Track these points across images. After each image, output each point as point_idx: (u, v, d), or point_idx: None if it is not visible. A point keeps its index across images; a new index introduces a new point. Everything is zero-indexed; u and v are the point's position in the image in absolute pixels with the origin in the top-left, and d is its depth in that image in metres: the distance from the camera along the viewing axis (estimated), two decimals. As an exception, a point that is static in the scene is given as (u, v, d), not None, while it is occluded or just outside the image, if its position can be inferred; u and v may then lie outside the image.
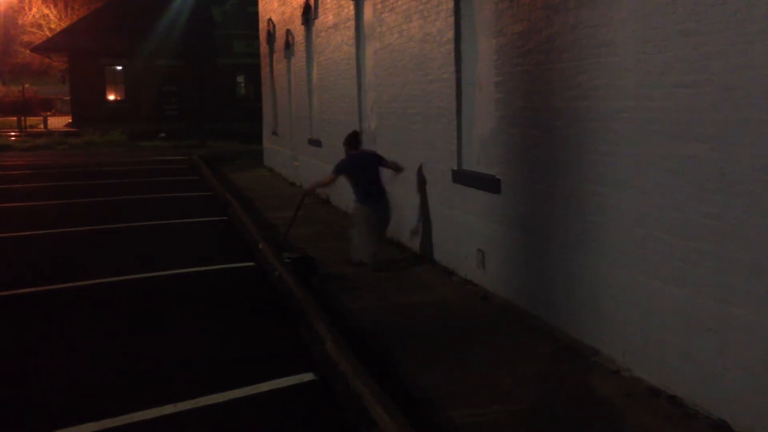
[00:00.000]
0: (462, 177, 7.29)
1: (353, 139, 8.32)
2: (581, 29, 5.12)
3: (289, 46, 15.77)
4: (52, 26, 44.50)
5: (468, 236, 7.17)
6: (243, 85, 38.77)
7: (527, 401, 4.46)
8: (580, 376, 4.82)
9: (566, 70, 5.32)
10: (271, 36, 17.85)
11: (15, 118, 35.68)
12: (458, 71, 7.30)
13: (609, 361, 4.94)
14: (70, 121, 35.48)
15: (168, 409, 4.39)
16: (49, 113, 41.12)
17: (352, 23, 10.88)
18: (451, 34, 7.33)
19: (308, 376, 4.90)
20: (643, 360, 4.66)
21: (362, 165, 8.05)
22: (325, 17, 12.41)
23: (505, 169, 6.35)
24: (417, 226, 8.50)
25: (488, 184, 6.63)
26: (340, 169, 8.05)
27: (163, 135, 30.75)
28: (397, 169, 8.27)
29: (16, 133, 33.04)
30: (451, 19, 7.29)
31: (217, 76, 35.76)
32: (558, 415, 4.29)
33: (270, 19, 17.67)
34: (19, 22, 46.29)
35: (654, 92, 4.43)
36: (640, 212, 4.61)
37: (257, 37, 20.46)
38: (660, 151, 4.41)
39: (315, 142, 13.67)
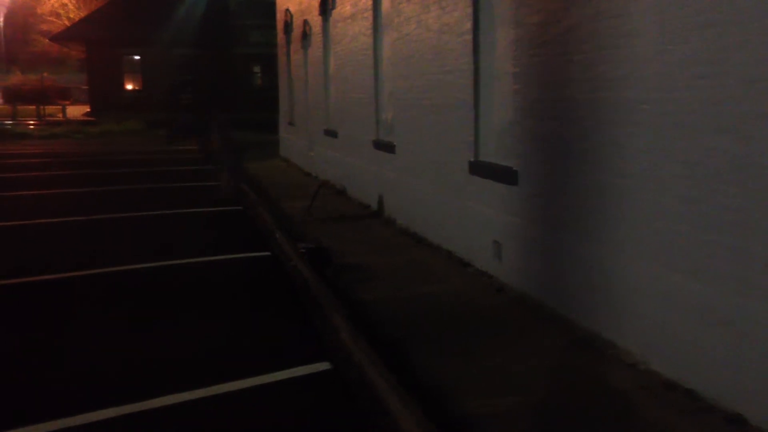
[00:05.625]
0: (479, 168, 7.26)
1: None
2: (600, 20, 5.07)
3: (306, 36, 15.76)
4: (71, 15, 44.83)
5: (484, 228, 7.15)
6: (259, 74, 38.90)
7: (542, 393, 4.46)
8: (596, 368, 4.80)
9: (585, 61, 5.28)
10: (288, 26, 17.86)
11: (33, 107, 36.01)
12: (476, 62, 7.27)
13: (625, 353, 4.92)
14: (88, 110, 35.78)
15: (185, 396, 4.42)
16: (67, 102, 41.44)
17: (369, 13, 10.86)
18: (469, 25, 7.29)
19: (323, 366, 4.92)
20: (660, 353, 4.64)
21: None
22: (343, 7, 12.39)
23: (523, 161, 6.32)
24: (433, 217, 8.49)
25: (505, 175, 6.60)
26: None
27: (180, 124, 30.90)
28: None
29: (35, 122, 33.35)
30: (470, 10, 7.26)
31: (233, 66, 35.90)
32: (572, 406, 4.28)
33: (287, 9, 17.67)
34: (38, 11, 46.66)
35: (674, 84, 4.39)
36: (658, 204, 4.58)
37: (274, 26, 20.48)
38: (679, 143, 4.37)
39: (331, 133, 13.68)
